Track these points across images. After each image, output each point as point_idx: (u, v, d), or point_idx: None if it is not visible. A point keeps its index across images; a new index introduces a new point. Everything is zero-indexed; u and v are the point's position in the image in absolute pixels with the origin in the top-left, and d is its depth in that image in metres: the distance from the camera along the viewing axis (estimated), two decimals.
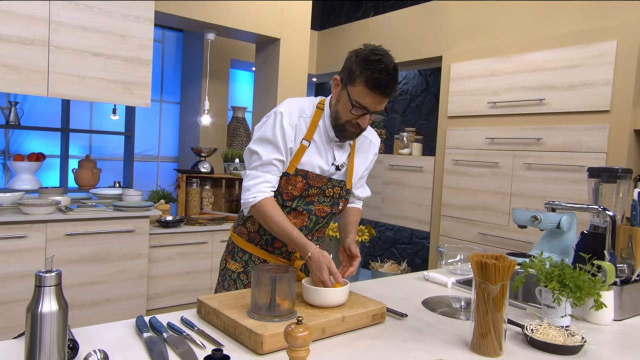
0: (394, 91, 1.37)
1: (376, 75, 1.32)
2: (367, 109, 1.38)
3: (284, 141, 1.44)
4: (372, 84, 1.33)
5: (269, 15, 3.65)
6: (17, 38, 2.60)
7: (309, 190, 1.50)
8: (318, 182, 1.50)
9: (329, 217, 1.58)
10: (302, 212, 1.52)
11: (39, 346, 0.90)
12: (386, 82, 1.33)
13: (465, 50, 3.65)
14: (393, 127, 4.93)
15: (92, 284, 2.81)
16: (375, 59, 1.34)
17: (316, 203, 1.53)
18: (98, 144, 4.49)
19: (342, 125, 1.45)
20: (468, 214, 3.53)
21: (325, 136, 1.50)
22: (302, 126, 1.48)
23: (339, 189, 1.55)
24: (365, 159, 1.63)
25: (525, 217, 2.09)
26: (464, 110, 3.59)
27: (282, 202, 1.51)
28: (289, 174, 1.48)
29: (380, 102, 1.38)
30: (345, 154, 1.56)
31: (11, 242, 2.55)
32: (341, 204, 1.58)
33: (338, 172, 1.55)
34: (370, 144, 1.64)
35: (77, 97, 2.82)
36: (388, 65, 1.34)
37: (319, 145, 1.50)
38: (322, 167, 1.51)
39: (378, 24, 4.50)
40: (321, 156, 1.50)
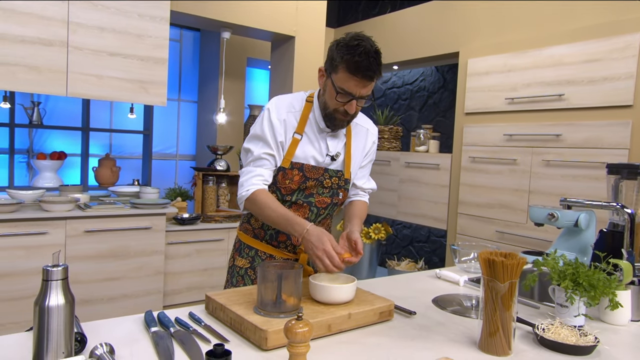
0: (376, 74, 1.38)
1: (356, 59, 1.33)
2: (351, 94, 1.39)
3: (274, 136, 1.47)
4: (353, 67, 1.34)
5: (284, 13, 3.65)
6: (37, 39, 2.67)
7: (307, 183, 1.51)
8: (314, 173, 1.51)
9: (330, 208, 1.58)
10: (303, 204, 1.53)
11: (47, 338, 0.92)
12: (367, 64, 1.34)
13: (483, 45, 3.60)
14: (410, 125, 4.88)
15: (110, 279, 2.86)
16: (354, 44, 1.35)
17: (315, 195, 1.53)
18: (118, 142, 4.57)
19: (331, 114, 1.46)
20: (485, 211, 3.48)
21: (317, 128, 1.52)
22: (292, 120, 1.50)
23: (337, 179, 1.56)
24: (362, 148, 1.63)
25: (542, 215, 2.05)
26: (481, 106, 3.53)
27: (281, 197, 1.52)
28: (285, 168, 1.49)
29: (364, 85, 1.38)
30: (340, 144, 1.57)
31: (32, 238, 2.61)
32: (341, 194, 1.58)
33: (334, 162, 1.55)
34: (367, 132, 1.64)
35: (95, 97, 2.88)
36: (368, 49, 1.35)
37: (311, 137, 1.52)
38: (317, 158, 1.52)
39: (394, 21, 4.46)
40: (314, 147, 1.52)
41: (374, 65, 1.35)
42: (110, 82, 2.90)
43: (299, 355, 0.84)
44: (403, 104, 5.00)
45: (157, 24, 3.02)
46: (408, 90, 4.95)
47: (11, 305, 2.56)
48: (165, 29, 3.06)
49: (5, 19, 2.59)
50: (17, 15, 2.61)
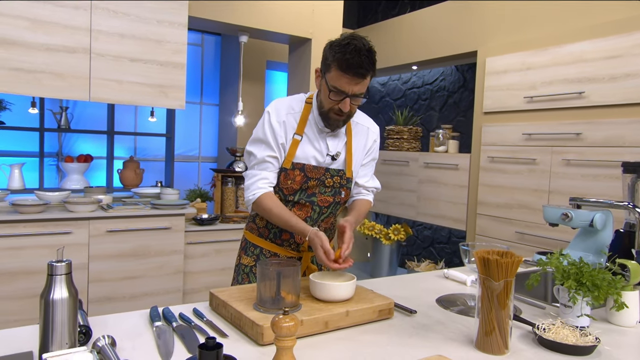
0: (368, 71, 1.40)
1: (347, 57, 1.36)
2: (344, 91, 1.42)
3: (274, 138, 1.51)
4: (344, 65, 1.37)
5: (300, 16, 3.69)
6: (62, 47, 2.78)
7: (308, 183, 1.54)
8: (316, 173, 1.54)
9: (332, 207, 1.61)
10: (305, 204, 1.56)
11: (52, 330, 0.98)
12: (358, 62, 1.37)
13: (501, 44, 3.55)
14: (430, 125, 4.85)
15: (131, 278, 2.96)
16: (345, 42, 1.39)
17: (318, 194, 1.56)
18: (142, 145, 4.70)
19: (326, 114, 1.49)
20: (505, 212, 3.43)
21: (317, 128, 1.55)
22: (292, 122, 1.54)
23: (339, 178, 1.58)
24: (363, 147, 1.65)
25: (556, 215, 2.02)
26: (499, 105, 3.48)
27: (284, 197, 1.55)
28: (287, 169, 1.53)
29: (356, 83, 1.40)
30: (341, 143, 1.59)
31: (58, 238, 2.72)
32: (343, 193, 1.60)
33: (335, 162, 1.58)
34: (368, 131, 1.66)
35: (116, 101, 2.98)
36: (359, 47, 1.37)
37: (312, 138, 1.55)
38: (317, 159, 1.55)
39: (412, 21, 4.45)
40: (315, 148, 1.55)
41: (365, 63, 1.38)
42: (131, 87, 3.00)
43: (285, 349, 0.87)
44: (423, 104, 4.97)
45: (175, 30, 3.11)
46: (428, 90, 4.92)
47: (34, 302, 2.68)
48: (184, 35, 3.14)
49: (34, 29, 2.71)
50: (45, 25, 2.74)
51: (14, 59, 2.67)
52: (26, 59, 2.70)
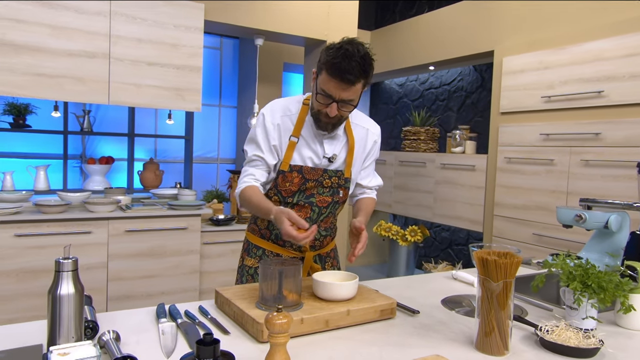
0: (358, 78, 1.36)
1: (336, 61, 1.34)
2: (330, 95, 1.40)
3: (266, 139, 1.53)
4: (332, 69, 1.35)
5: (315, 18, 3.72)
6: (82, 52, 2.87)
7: (307, 184, 1.55)
8: (314, 174, 1.55)
9: (331, 207, 1.61)
10: (304, 205, 1.57)
11: (59, 324, 1.02)
12: (346, 67, 1.33)
13: (518, 43, 3.50)
14: (448, 126, 4.81)
15: (148, 277, 3.03)
16: (337, 46, 1.37)
17: (316, 195, 1.57)
18: (162, 147, 4.80)
19: (316, 115, 1.49)
20: (522, 214, 3.38)
21: (313, 130, 1.55)
22: (288, 124, 1.54)
23: (337, 178, 1.58)
24: (363, 148, 1.65)
25: (569, 216, 1.99)
26: (516, 105, 3.44)
27: (283, 200, 1.56)
28: (284, 172, 1.54)
29: (343, 88, 1.37)
30: (339, 145, 1.59)
31: (78, 237, 2.81)
32: (341, 192, 1.61)
33: (332, 163, 1.58)
34: (367, 132, 1.66)
35: (134, 104, 3.06)
36: (351, 52, 1.34)
37: (308, 140, 1.55)
38: (314, 160, 1.56)
39: (429, 21, 4.42)
40: (311, 149, 1.55)
41: (355, 70, 1.34)
42: (149, 90, 3.08)
43: (278, 345, 0.89)
44: (441, 104, 4.93)
45: (191, 34, 3.17)
46: (446, 91, 4.88)
47: None
48: (199, 38, 3.20)
49: (56, 35, 2.81)
50: (67, 32, 2.83)
51: (38, 64, 2.77)
52: (49, 65, 2.80)
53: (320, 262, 1.67)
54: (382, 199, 4.83)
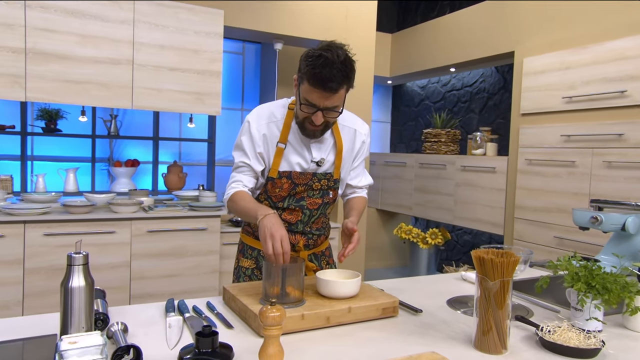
0: (340, 85, 1.35)
1: (316, 71, 1.32)
2: (315, 105, 1.38)
3: (252, 147, 1.53)
4: (313, 79, 1.33)
5: (334, 21, 3.76)
6: (107, 59, 3.00)
7: (296, 188, 1.56)
8: (303, 179, 1.56)
9: (322, 208, 1.62)
10: (295, 209, 1.58)
11: (70, 315, 1.08)
12: (328, 76, 1.31)
13: (538, 43, 3.45)
14: (470, 128, 4.77)
15: (170, 276, 3.11)
16: (316, 54, 1.34)
17: (306, 198, 1.58)
18: (186, 150, 4.92)
19: (301, 124, 1.48)
20: (543, 216, 3.32)
21: (300, 135, 1.53)
22: (274, 130, 1.54)
23: (326, 181, 1.59)
24: (351, 149, 1.64)
25: (585, 218, 1.96)
26: (537, 106, 3.39)
27: (273, 205, 1.58)
28: (273, 178, 1.54)
29: (326, 97, 1.36)
30: (327, 148, 1.58)
31: (103, 237, 2.92)
32: (331, 193, 1.61)
33: (320, 167, 1.57)
34: (355, 132, 1.64)
35: (157, 108, 3.16)
36: (331, 60, 1.31)
37: (295, 145, 1.55)
38: (303, 165, 1.56)
39: (449, 23, 4.40)
40: (299, 155, 1.55)
41: (337, 77, 1.32)
42: (170, 95, 3.18)
43: (272, 337, 0.93)
44: (463, 106, 4.89)
45: (211, 40, 3.26)
46: (468, 93, 4.84)
47: None
48: (219, 44, 3.29)
49: (83, 44, 2.94)
50: (94, 40, 2.96)
51: (66, 71, 2.90)
52: (76, 71, 2.93)
53: (316, 261, 1.68)
54: (402, 201, 4.82)
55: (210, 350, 0.99)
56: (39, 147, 3.92)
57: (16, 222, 2.72)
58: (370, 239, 5.22)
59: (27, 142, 3.64)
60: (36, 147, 3.90)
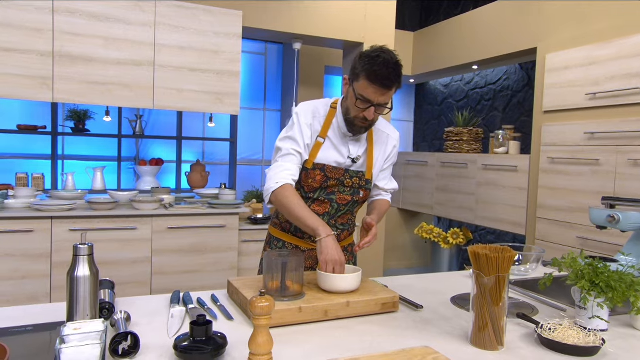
0: (394, 83, 1.47)
1: (375, 69, 1.43)
2: (370, 100, 1.48)
3: (302, 136, 1.59)
4: (372, 76, 1.44)
5: (352, 21, 3.76)
6: (130, 61, 3.09)
7: (328, 182, 1.61)
8: (335, 173, 1.61)
9: (350, 205, 1.66)
10: (324, 201, 1.63)
11: (76, 302, 1.13)
12: (386, 74, 1.43)
13: (561, 39, 3.37)
14: (493, 126, 4.68)
15: (189, 272, 3.19)
16: (374, 55, 1.45)
17: (337, 193, 1.63)
18: (210, 149, 5.01)
19: (351, 120, 1.56)
20: (566, 216, 3.24)
21: (340, 132, 1.63)
22: (317, 125, 1.62)
23: (358, 179, 1.64)
24: (383, 152, 1.71)
25: (602, 217, 1.92)
26: (560, 104, 3.31)
27: (304, 195, 1.63)
28: (308, 169, 1.61)
29: (382, 93, 1.47)
30: (362, 148, 1.66)
31: (125, 233, 3.02)
32: (362, 193, 1.66)
33: (355, 164, 1.65)
34: (388, 137, 1.72)
35: (177, 108, 3.24)
36: (387, 60, 1.44)
37: (334, 141, 1.62)
38: (338, 161, 1.62)
39: (471, 20, 4.34)
40: (337, 151, 1.62)
41: (392, 76, 1.44)
42: (190, 95, 3.25)
43: (260, 327, 0.95)
44: (486, 104, 4.82)
45: (230, 40, 3.32)
46: (491, 90, 4.76)
47: None
48: (238, 44, 3.35)
49: (107, 46, 3.04)
50: (117, 42, 3.06)
51: (91, 73, 3.01)
52: (100, 73, 3.03)
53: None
54: (423, 200, 4.78)
55: (204, 338, 1.02)
56: (69, 146, 4.08)
57: (44, 218, 2.84)
58: (392, 238, 5.20)
59: (58, 142, 3.79)
60: (66, 147, 4.06)
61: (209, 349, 1.00)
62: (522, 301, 1.51)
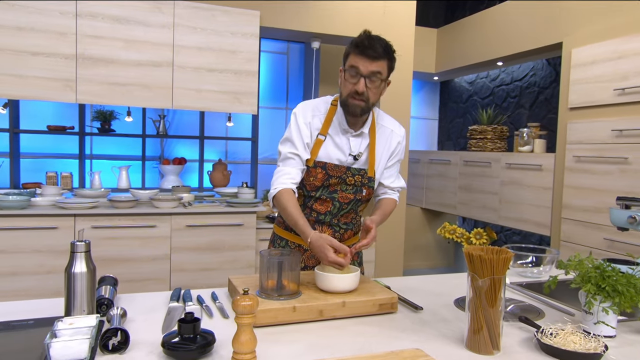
0: (380, 54, 1.49)
1: (359, 39, 1.51)
2: (358, 69, 1.50)
3: (300, 138, 1.59)
4: (357, 47, 1.50)
5: (370, 19, 3.73)
6: (149, 62, 3.16)
7: (330, 180, 1.60)
8: (337, 171, 1.60)
9: (353, 204, 1.64)
10: (326, 199, 1.62)
11: (73, 298, 1.16)
12: (368, 43, 1.48)
13: (588, 32, 3.24)
14: (519, 124, 4.55)
15: (207, 270, 3.23)
16: (361, 33, 1.54)
17: (339, 191, 1.62)
18: (232, 149, 5.07)
19: (345, 101, 1.56)
20: (592, 217, 3.12)
21: (340, 129, 1.62)
22: (317, 122, 1.62)
23: (360, 177, 1.62)
24: (387, 148, 1.68)
25: (622, 218, 1.84)
26: (586, 100, 3.18)
27: (306, 193, 1.62)
28: (309, 167, 1.60)
29: (369, 62, 1.49)
30: (364, 144, 1.64)
31: (145, 230, 3.08)
32: (365, 191, 1.64)
33: (357, 161, 1.63)
34: (392, 133, 1.70)
35: (195, 108, 3.29)
36: (370, 34, 1.52)
37: (335, 138, 1.62)
38: (340, 158, 1.61)
39: (495, 15, 4.23)
40: (338, 148, 1.61)
41: (376, 46, 1.48)
42: (208, 95, 3.30)
43: (244, 325, 0.95)
44: (512, 101, 4.69)
45: (247, 40, 3.34)
46: (517, 87, 4.63)
47: (127, 285, 3.04)
48: (255, 44, 3.37)
49: (127, 48, 3.12)
50: (137, 44, 3.13)
51: (112, 74, 3.09)
52: (121, 74, 3.11)
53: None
54: (446, 200, 4.70)
55: (192, 336, 1.03)
56: (97, 146, 4.20)
57: (67, 215, 2.93)
58: (414, 238, 5.13)
59: (86, 141, 3.91)
60: (94, 146, 4.18)
61: (195, 346, 1.01)
62: (528, 304, 1.46)
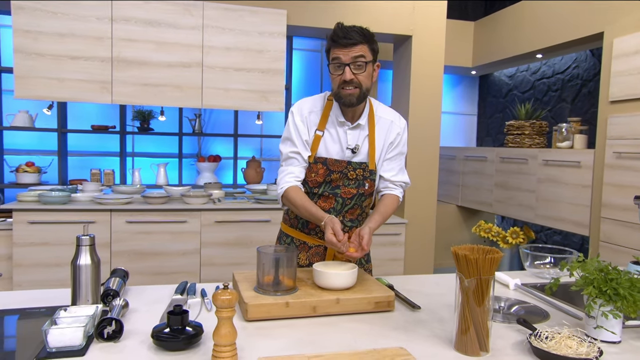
0: (354, 36, 1.50)
1: (334, 31, 1.54)
2: (338, 58, 1.53)
3: (299, 136, 1.61)
4: (333, 41, 1.53)
5: (400, 14, 3.67)
6: (180, 63, 3.27)
7: (331, 175, 1.61)
8: (338, 166, 1.61)
9: (356, 198, 1.65)
10: (329, 196, 1.63)
11: (79, 289, 1.24)
12: (342, 33, 1.51)
13: (630, 21, 3.06)
14: (561, 118, 4.36)
15: (235, 264, 3.31)
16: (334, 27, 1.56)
17: (341, 187, 1.63)
18: (267, 146, 5.15)
19: (338, 94, 1.57)
20: (633, 216, 2.95)
21: (337, 123, 1.63)
22: (314, 118, 1.64)
23: (362, 170, 1.63)
24: (385, 139, 1.67)
25: None
26: (628, 92, 3.01)
27: (309, 190, 1.64)
28: (310, 163, 1.62)
29: (348, 50, 1.51)
30: (362, 137, 1.64)
31: (176, 226, 3.20)
32: (367, 184, 1.64)
33: (356, 155, 1.63)
34: (391, 123, 1.69)
35: (224, 107, 3.37)
36: (344, 24, 1.54)
37: (333, 133, 1.63)
38: (339, 152, 1.63)
39: (533, 6, 4.06)
40: (336, 142, 1.63)
41: (351, 33, 1.51)
42: (236, 94, 3.37)
43: (224, 319, 0.98)
44: (553, 95, 4.49)
45: (274, 39, 3.39)
46: (559, 80, 4.43)
47: (158, 278, 3.18)
48: (282, 43, 3.41)
49: (158, 50, 3.24)
50: (167, 46, 3.25)
51: (144, 76, 3.23)
52: (153, 75, 3.24)
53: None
54: (482, 197, 4.57)
55: (180, 327, 1.07)
56: (138, 144, 4.39)
57: (104, 210, 3.09)
58: (449, 236, 5.02)
59: (127, 140, 4.10)
60: (136, 145, 4.38)
61: (182, 337, 1.05)
62: (533, 305, 1.41)
